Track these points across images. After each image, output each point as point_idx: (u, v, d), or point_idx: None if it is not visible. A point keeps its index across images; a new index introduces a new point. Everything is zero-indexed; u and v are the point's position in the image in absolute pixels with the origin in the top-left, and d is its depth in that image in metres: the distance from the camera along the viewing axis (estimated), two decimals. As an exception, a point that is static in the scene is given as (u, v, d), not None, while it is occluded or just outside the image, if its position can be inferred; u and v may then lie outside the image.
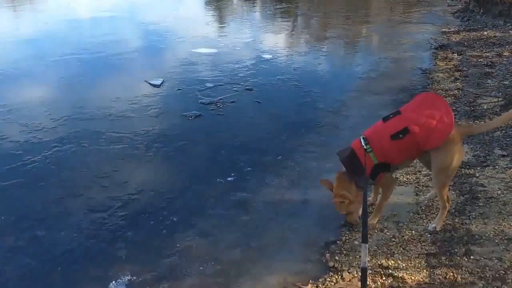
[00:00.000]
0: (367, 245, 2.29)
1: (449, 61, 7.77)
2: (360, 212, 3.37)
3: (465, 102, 5.61)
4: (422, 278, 2.70)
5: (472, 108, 5.36)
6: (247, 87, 6.95)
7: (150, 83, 7.20)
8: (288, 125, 5.58)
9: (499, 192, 3.45)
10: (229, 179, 4.27)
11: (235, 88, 6.88)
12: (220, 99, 6.40)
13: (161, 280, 2.98)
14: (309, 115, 5.86)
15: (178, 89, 6.92)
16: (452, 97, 5.94)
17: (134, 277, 3.02)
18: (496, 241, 2.90)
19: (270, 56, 8.74)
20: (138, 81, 7.32)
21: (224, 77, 7.47)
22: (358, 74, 7.71)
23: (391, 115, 3.02)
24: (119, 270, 3.09)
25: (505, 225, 3.04)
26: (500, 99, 5.41)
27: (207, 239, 3.38)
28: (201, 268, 3.07)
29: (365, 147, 2.98)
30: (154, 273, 3.05)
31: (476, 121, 4.97)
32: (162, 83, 7.22)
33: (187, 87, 6.99)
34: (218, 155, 4.78)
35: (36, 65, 8.40)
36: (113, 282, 2.98)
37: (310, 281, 2.90)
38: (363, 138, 3.03)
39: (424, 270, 2.76)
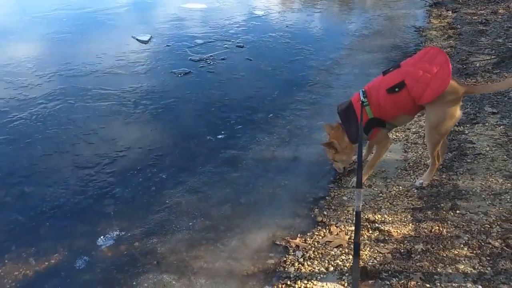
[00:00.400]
0: (361, 190, 2.31)
1: (443, 19, 7.64)
2: (347, 163, 3.49)
3: (458, 60, 5.54)
4: (407, 232, 2.75)
5: (464, 66, 5.31)
6: (238, 44, 6.79)
7: (137, 39, 7.01)
8: (279, 83, 5.50)
9: (488, 148, 3.47)
10: (219, 136, 4.24)
11: (225, 45, 6.73)
12: (210, 56, 6.26)
13: (150, 235, 3.00)
14: (301, 73, 5.77)
15: (167, 45, 6.75)
16: (445, 55, 5.86)
17: (123, 233, 3.04)
18: (483, 196, 2.94)
19: (262, 13, 8.51)
20: (125, 37, 7.13)
21: (214, 33, 7.29)
22: (351, 31, 7.56)
23: (391, 69, 3.00)
24: (107, 225, 3.10)
25: (492, 180, 3.07)
26: (492, 56, 5.35)
27: (196, 195, 3.39)
28: (190, 223, 3.09)
29: (362, 100, 2.98)
30: (143, 228, 3.06)
31: (467, 79, 4.93)
32: (150, 39, 7.03)
33: (176, 43, 6.82)
34: (208, 112, 4.72)
35: (19, 21, 8.12)
36: (102, 237, 2.99)
37: (299, 235, 2.94)
38: (362, 91, 3.03)
39: (410, 224, 2.81)
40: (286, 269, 2.65)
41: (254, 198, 3.37)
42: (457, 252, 2.48)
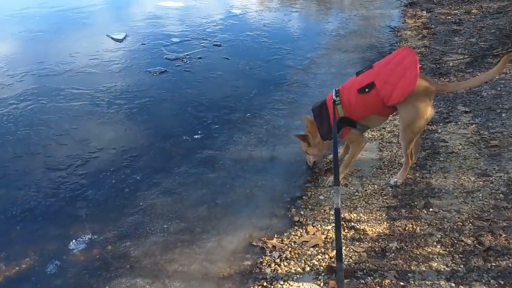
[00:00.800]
0: (339, 188, 2.33)
1: (417, 19, 7.76)
2: (317, 157, 3.58)
3: (432, 59, 5.64)
4: (382, 230, 2.77)
5: (438, 66, 5.40)
6: (215, 42, 6.75)
7: (112, 38, 6.90)
8: (257, 82, 5.48)
9: (460, 147, 3.53)
10: (196, 136, 4.19)
11: (202, 44, 6.67)
12: (187, 54, 6.20)
13: (123, 238, 2.94)
14: (278, 72, 5.77)
15: (142, 44, 6.65)
16: (419, 55, 5.95)
17: (95, 236, 2.97)
18: (455, 194, 2.98)
19: (240, 11, 8.48)
20: (100, 36, 7.00)
21: (191, 32, 7.22)
22: (327, 31, 7.61)
23: (364, 69, 3.05)
24: (79, 229, 3.03)
25: (464, 178, 3.13)
26: (466, 56, 5.46)
27: (171, 197, 3.34)
28: (165, 226, 3.04)
29: (334, 99, 3.05)
30: (116, 231, 3.00)
31: (441, 78, 5.02)
32: (125, 37, 6.92)
33: (152, 42, 6.73)
34: (184, 112, 4.66)
35: (-10, 19, 7.87)
36: (74, 241, 2.92)
37: (275, 236, 2.93)
38: (335, 90, 3.10)
39: (385, 222, 2.83)
40: (262, 270, 2.63)
41: (231, 199, 3.34)
42: (430, 250, 2.51)
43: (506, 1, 7.86)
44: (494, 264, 2.30)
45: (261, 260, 2.72)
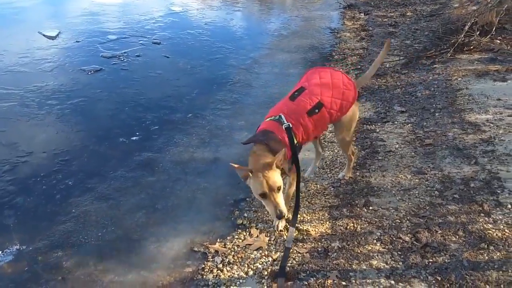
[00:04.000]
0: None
1: (356, 21, 8.00)
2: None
3: (369, 61, 5.81)
4: (325, 230, 2.77)
5: (376, 67, 5.57)
6: (155, 40, 6.54)
7: (44, 35, 6.51)
8: (198, 81, 5.36)
9: (397, 146, 3.64)
10: (133, 138, 4.00)
11: (141, 41, 6.44)
12: (124, 52, 5.95)
13: (55, 248, 2.74)
14: (220, 72, 5.69)
15: (76, 41, 6.31)
16: (358, 56, 6.13)
17: (24, 246, 2.76)
18: (393, 192, 3.06)
19: (180, 9, 8.30)
20: (31, 33, 6.60)
21: (129, 29, 6.95)
22: (270, 31, 7.63)
23: (296, 93, 2.75)
24: (6, 239, 2.81)
25: (401, 176, 3.22)
26: (401, 57, 5.68)
27: (107, 203, 3.15)
28: (99, 234, 2.86)
29: (287, 125, 2.58)
30: (46, 241, 2.79)
31: (378, 79, 5.18)
32: (58, 34, 6.56)
33: (87, 39, 6.41)
34: (121, 113, 4.45)
35: None
36: (0, 252, 2.69)
37: (218, 240, 2.85)
38: (279, 116, 2.61)
39: (327, 222, 2.84)
40: (204, 276, 2.54)
41: (172, 203, 3.21)
42: (370, 248, 2.55)
43: (439, 4, 8.31)
44: (431, 260, 2.36)
45: (203, 266, 2.63)
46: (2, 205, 3.10)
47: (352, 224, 2.78)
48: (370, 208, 2.92)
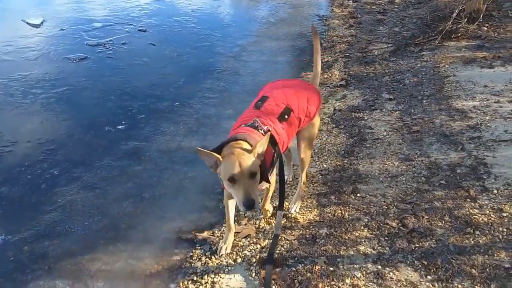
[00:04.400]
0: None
1: (344, 8, 7.97)
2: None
3: (358, 48, 5.80)
4: (313, 217, 2.78)
5: (364, 54, 5.57)
6: (141, 28, 6.44)
7: (28, 23, 6.39)
8: (185, 69, 5.30)
9: (385, 133, 3.65)
10: (120, 127, 3.95)
11: (126, 29, 6.33)
12: (109, 40, 5.85)
13: (40, 238, 2.71)
14: (208, 60, 5.63)
15: (61, 29, 6.19)
16: (346, 44, 6.11)
17: (9, 236, 2.72)
18: (381, 179, 3.07)
19: (167, -4, 8.16)
20: (14, 21, 6.48)
21: (114, 16, 6.84)
22: (258, 18, 7.56)
23: (260, 102, 2.48)
24: (-10, 229, 2.74)
25: (389, 163, 3.23)
26: (389, 45, 5.68)
27: (93, 192, 3.11)
28: (86, 223, 2.83)
29: (263, 129, 2.27)
30: (32, 231, 2.76)
31: (367, 67, 5.17)
32: (42, 22, 6.44)
33: (71, 27, 6.29)
34: (106, 101, 4.38)
35: None
36: (-16, 243, 2.64)
37: (207, 228, 2.83)
38: (254, 121, 2.31)
39: (315, 210, 2.84)
40: (192, 264, 2.53)
41: (159, 192, 3.19)
42: (358, 234, 2.56)
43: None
44: (417, 245, 2.38)
45: (191, 254, 2.62)
46: (-14, 196, 3.04)
47: (340, 211, 2.79)
48: (358, 195, 2.93)
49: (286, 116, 2.43)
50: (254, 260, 2.50)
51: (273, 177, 2.48)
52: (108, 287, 2.39)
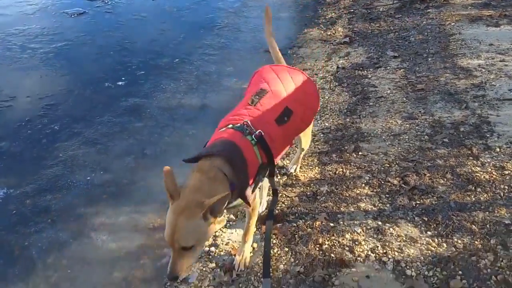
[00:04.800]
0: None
1: (350, -37, 7.66)
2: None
3: (363, 4, 5.64)
4: (314, 175, 2.78)
5: (369, 11, 5.42)
6: (139, -19, 6.21)
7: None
8: (185, 25, 5.17)
9: (389, 91, 3.60)
10: (119, 83, 3.89)
11: (125, -18, 6.12)
12: (108, -6, 5.67)
13: (42, 192, 2.73)
14: (208, 15, 5.48)
15: (58, -18, 5.96)
16: (351, 0, 5.93)
17: (11, 190, 2.74)
18: (383, 137, 3.05)
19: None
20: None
21: (112, -31, 6.57)
22: (260, -27, 7.28)
23: (256, 97, 2.05)
24: (-8, 183, 2.75)
25: (392, 122, 3.20)
26: (395, 1, 5.51)
27: (94, 147, 3.11)
28: (88, 178, 2.84)
29: (252, 136, 1.84)
30: (34, 185, 2.77)
31: (372, 23, 5.04)
32: (37, -26, 6.15)
33: (68, -21, 6.05)
34: (106, 57, 4.30)
35: None
36: (-14, 197, 2.66)
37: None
38: (244, 124, 1.88)
39: (316, 168, 2.85)
40: (194, 219, 2.55)
41: (160, 149, 3.18)
42: (359, 192, 2.57)
43: None
44: (418, 202, 2.40)
45: (193, 209, 2.64)
46: (-14, 151, 3.03)
47: (341, 169, 2.79)
48: (360, 153, 2.92)
49: (286, 119, 2.03)
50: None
51: (254, 199, 2.01)
52: (112, 240, 2.42)
